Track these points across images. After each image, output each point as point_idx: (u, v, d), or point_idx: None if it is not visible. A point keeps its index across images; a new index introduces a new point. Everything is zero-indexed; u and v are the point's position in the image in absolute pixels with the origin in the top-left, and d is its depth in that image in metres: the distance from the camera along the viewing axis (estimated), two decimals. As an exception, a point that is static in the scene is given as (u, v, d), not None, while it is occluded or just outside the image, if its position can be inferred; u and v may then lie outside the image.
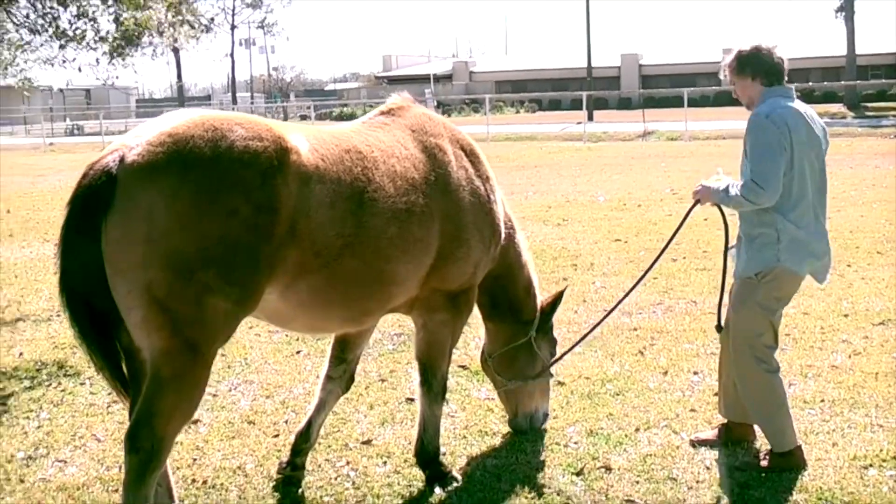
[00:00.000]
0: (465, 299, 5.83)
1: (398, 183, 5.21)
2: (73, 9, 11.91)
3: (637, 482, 5.76)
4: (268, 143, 4.60)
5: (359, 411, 7.08)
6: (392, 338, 9.05)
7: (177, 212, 4.33)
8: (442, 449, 6.15)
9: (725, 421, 6.30)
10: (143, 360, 4.60)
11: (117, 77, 14.12)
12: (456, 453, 6.28)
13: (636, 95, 67.87)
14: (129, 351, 4.71)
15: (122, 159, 4.35)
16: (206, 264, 4.39)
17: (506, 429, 6.59)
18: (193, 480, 5.98)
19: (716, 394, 7.13)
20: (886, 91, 64.33)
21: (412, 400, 7.13)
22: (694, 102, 61.05)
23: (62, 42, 12.40)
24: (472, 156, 5.83)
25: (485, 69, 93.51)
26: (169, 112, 4.89)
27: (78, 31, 12.06)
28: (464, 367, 7.96)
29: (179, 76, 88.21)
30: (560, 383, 7.45)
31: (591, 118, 53.36)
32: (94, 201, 4.34)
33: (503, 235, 5.99)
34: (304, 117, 59.09)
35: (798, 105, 5.79)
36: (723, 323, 6.13)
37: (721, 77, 6.06)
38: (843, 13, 64.51)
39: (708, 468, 5.91)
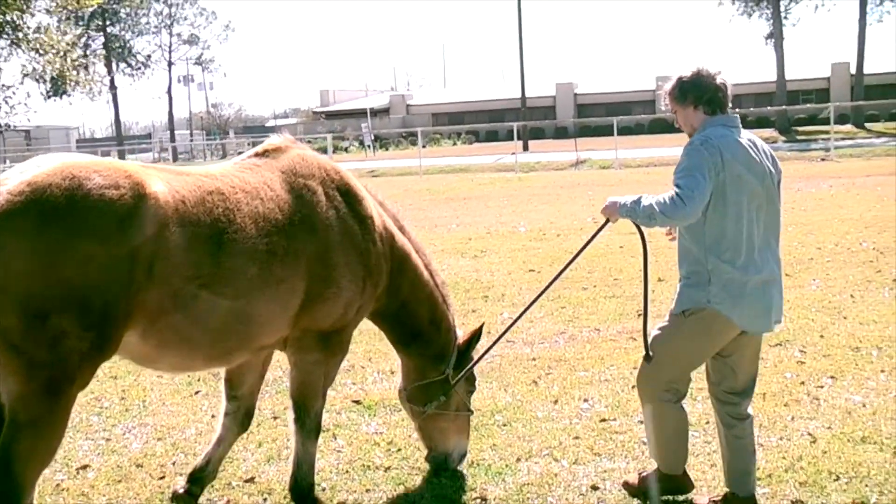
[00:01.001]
0: (338, 339, 5.79)
1: (260, 224, 5.19)
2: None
3: (511, 511, 5.78)
4: (124, 190, 4.60)
5: (247, 449, 7.05)
6: (291, 375, 8.99)
7: (31, 259, 4.35)
8: (322, 484, 6.16)
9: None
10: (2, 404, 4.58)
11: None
12: (336, 488, 6.26)
13: (572, 124, 68.40)
14: None
15: None
16: (61, 310, 4.39)
17: (389, 462, 6.59)
18: (75, 527, 5.92)
19: (602, 420, 7.23)
20: (817, 115, 65.41)
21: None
22: (629, 130, 61.90)
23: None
24: (347, 196, 5.77)
25: (421, 102, 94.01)
26: (37, 158, 4.85)
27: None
28: (357, 402, 7.96)
29: (117, 115, 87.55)
30: (449, 415, 7.46)
31: (525, 148, 53.83)
32: None
33: (385, 273, 5.96)
34: (241, 153, 59.08)
35: (743, 135, 5.42)
36: (650, 352, 5.63)
37: (662, 105, 5.72)
38: (773, 39, 65.70)
39: (582, 494, 5.96)
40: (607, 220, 5.57)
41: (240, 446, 7.05)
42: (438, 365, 6.30)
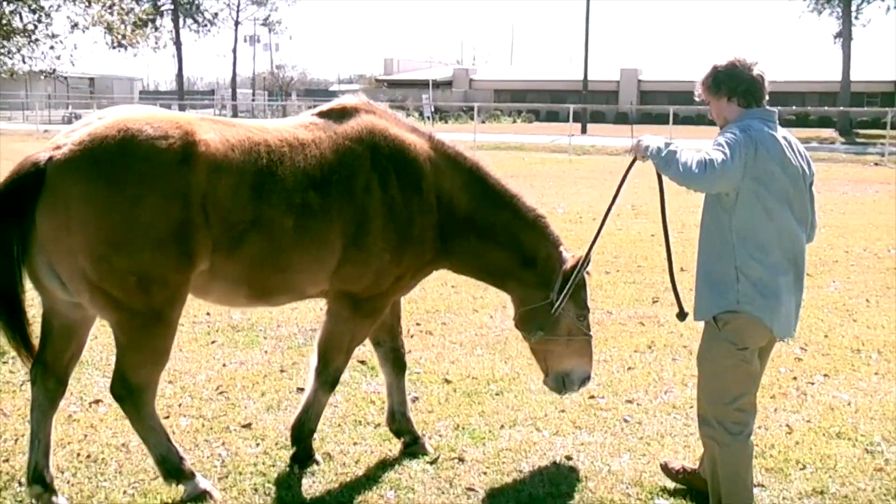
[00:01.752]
0: (370, 306, 6.00)
1: (299, 178, 5.54)
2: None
3: (485, 473, 6.10)
4: (174, 139, 5.14)
5: (250, 398, 7.40)
6: (306, 332, 9.35)
7: (88, 204, 4.99)
8: (315, 434, 6.49)
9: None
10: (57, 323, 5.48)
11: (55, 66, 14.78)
12: (326, 439, 6.58)
13: (632, 110, 68.16)
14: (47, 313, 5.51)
15: (50, 157, 4.98)
16: (119, 251, 5.03)
17: (380, 419, 6.88)
18: (78, 454, 6.28)
19: (591, 396, 7.50)
20: (881, 119, 64.71)
21: (302, 390, 7.47)
22: (690, 120, 61.62)
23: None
24: (399, 165, 5.88)
25: (485, 77, 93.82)
26: (102, 111, 5.49)
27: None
28: (362, 362, 8.27)
29: (180, 70, 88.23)
30: (446, 381, 7.82)
31: (584, 131, 53.73)
32: (22, 192, 5.00)
33: (430, 243, 6.03)
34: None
35: (779, 132, 5.16)
36: (685, 308, 5.46)
37: (696, 95, 5.44)
38: (841, 39, 64.93)
39: (556, 463, 6.24)
40: (635, 159, 5.38)
41: (244, 395, 7.44)
42: (542, 291, 6.23)
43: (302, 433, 6.17)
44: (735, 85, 5.17)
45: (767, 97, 5.25)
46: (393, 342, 6.51)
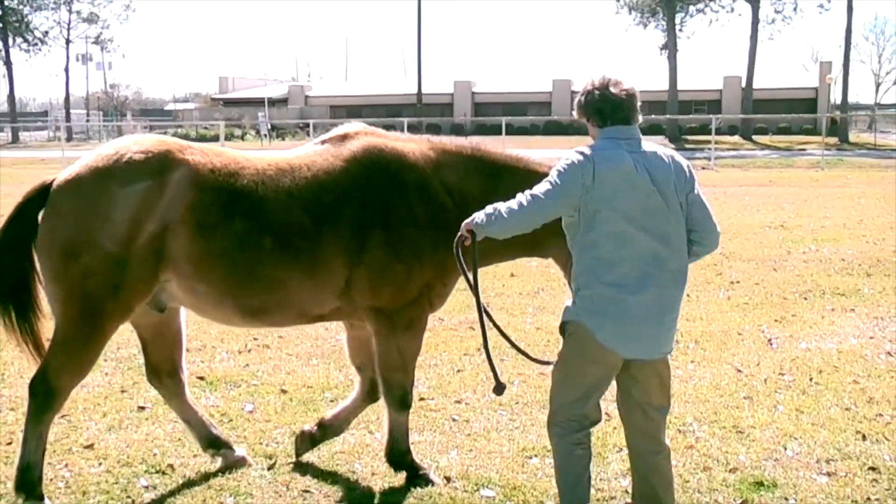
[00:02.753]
0: (404, 319, 6.06)
1: (282, 200, 5.78)
2: None
3: (320, 475, 6.43)
4: (151, 156, 5.71)
5: (91, 419, 7.55)
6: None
7: (70, 214, 5.69)
8: (154, 450, 6.73)
9: None
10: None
11: None
12: (167, 454, 6.80)
13: (468, 122, 69.27)
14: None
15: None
16: (88, 251, 5.59)
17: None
18: None
19: (421, 398, 7.90)
20: (707, 125, 67.40)
21: (143, 408, 7.70)
22: (524, 131, 63.04)
23: None
24: (400, 176, 5.97)
25: (320, 93, 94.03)
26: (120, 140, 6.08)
27: None
28: (201, 378, 8.53)
29: (11, 91, 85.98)
30: (283, 391, 8.11)
31: (419, 144, 54.25)
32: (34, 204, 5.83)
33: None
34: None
35: (643, 146, 5.07)
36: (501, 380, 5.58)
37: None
38: (667, 50, 67.45)
39: (385, 463, 6.55)
40: (473, 239, 5.09)
41: (85, 416, 7.59)
42: None
43: (395, 456, 6.32)
44: (588, 106, 5.13)
45: (633, 115, 5.11)
46: (372, 370, 6.42)
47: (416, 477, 6.25)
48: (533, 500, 6.04)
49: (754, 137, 64.89)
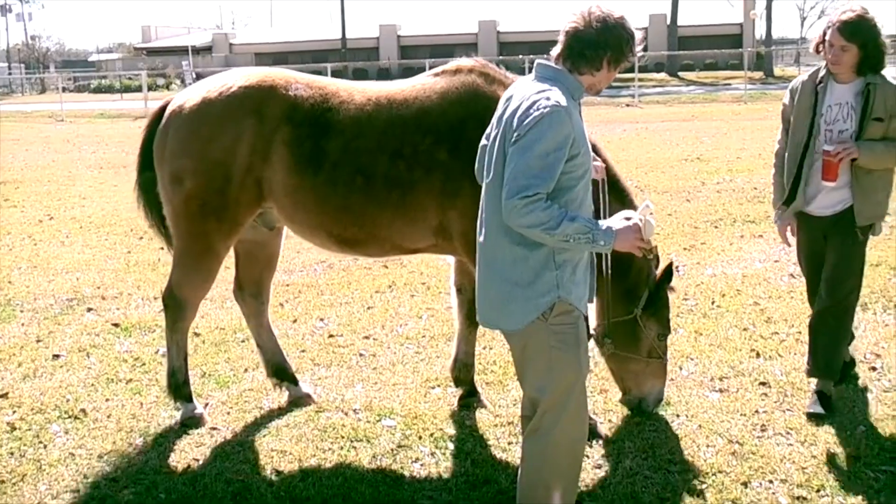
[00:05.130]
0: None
1: (379, 132, 5.79)
2: None
3: (229, 412, 6.59)
4: (252, 89, 5.91)
5: (7, 370, 7.60)
6: (62, 303, 9.59)
7: (177, 136, 6.03)
8: (67, 396, 6.82)
9: None
10: None
11: None
12: (80, 399, 6.89)
13: (394, 66, 69.01)
14: None
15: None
16: (192, 177, 5.92)
17: (132, 376, 7.32)
18: None
19: (331, 335, 8.07)
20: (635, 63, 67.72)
21: (58, 356, 7.78)
22: (449, 72, 62.65)
23: None
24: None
25: (245, 41, 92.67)
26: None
27: None
28: (116, 324, 8.62)
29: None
30: (196, 334, 8.19)
31: (347, 89, 53.97)
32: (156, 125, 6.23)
33: None
34: (65, 89, 57.33)
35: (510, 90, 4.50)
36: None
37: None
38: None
39: (296, 398, 6.73)
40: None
41: (0, 366, 7.63)
42: (628, 304, 5.87)
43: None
44: None
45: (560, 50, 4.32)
46: (472, 293, 5.68)
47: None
48: (433, 427, 6.23)
49: (680, 74, 65.33)
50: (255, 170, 5.85)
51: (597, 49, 4.23)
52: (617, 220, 4.25)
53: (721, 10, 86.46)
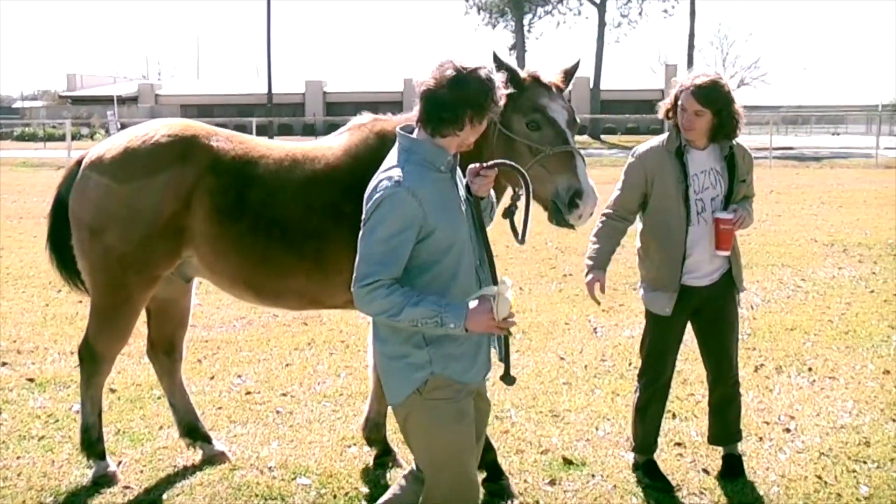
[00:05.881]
0: None
1: (293, 186, 5.86)
2: None
3: (142, 471, 6.53)
4: (176, 139, 5.93)
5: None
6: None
7: (98, 191, 5.95)
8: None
9: None
10: None
11: None
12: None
13: (319, 122, 69.07)
14: None
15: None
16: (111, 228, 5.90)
17: (45, 432, 7.21)
18: None
19: (248, 392, 8.05)
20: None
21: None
22: (376, 129, 62.75)
23: None
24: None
25: (171, 92, 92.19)
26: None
27: None
28: (31, 379, 8.51)
29: None
30: (111, 390, 8.12)
31: (271, 143, 53.87)
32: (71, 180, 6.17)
33: None
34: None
35: None
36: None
37: None
38: (515, 51, 68.50)
39: (210, 457, 6.68)
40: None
41: None
42: None
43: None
44: None
45: (418, 115, 4.28)
46: None
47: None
48: (348, 486, 6.23)
49: (603, 137, 66.28)
50: (178, 218, 5.84)
51: (455, 109, 4.08)
52: (474, 299, 4.06)
53: (643, 76, 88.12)
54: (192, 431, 6.74)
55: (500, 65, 5.14)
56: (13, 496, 6.14)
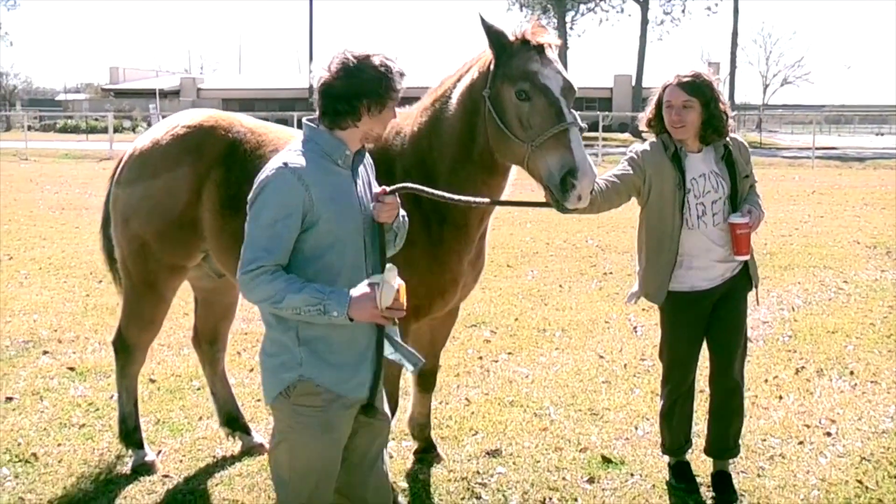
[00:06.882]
0: None
1: None
2: None
3: (182, 460, 6.57)
4: (192, 131, 5.97)
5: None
6: (18, 344, 9.56)
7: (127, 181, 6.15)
8: (19, 440, 6.77)
9: None
10: None
11: None
12: (32, 443, 6.83)
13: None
14: None
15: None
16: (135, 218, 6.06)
17: (85, 420, 7.27)
18: None
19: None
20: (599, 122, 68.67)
21: (11, 399, 7.74)
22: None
23: None
24: None
25: (213, 86, 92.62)
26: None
27: None
28: (72, 368, 8.57)
29: None
30: (151, 381, 8.19)
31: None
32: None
33: None
34: (30, 128, 57.05)
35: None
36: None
37: None
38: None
39: (246, 452, 6.72)
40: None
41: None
42: None
43: None
44: None
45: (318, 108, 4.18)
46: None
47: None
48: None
49: (644, 135, 65.98)
50: (192, 210, 5.88)
51: (349, 101, 3.96)
52: (359, 287, 3.90)
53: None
54: (232, 421, 6.77)
55: (486, 27, 4.96)
56: (54, 482, 6.19)
